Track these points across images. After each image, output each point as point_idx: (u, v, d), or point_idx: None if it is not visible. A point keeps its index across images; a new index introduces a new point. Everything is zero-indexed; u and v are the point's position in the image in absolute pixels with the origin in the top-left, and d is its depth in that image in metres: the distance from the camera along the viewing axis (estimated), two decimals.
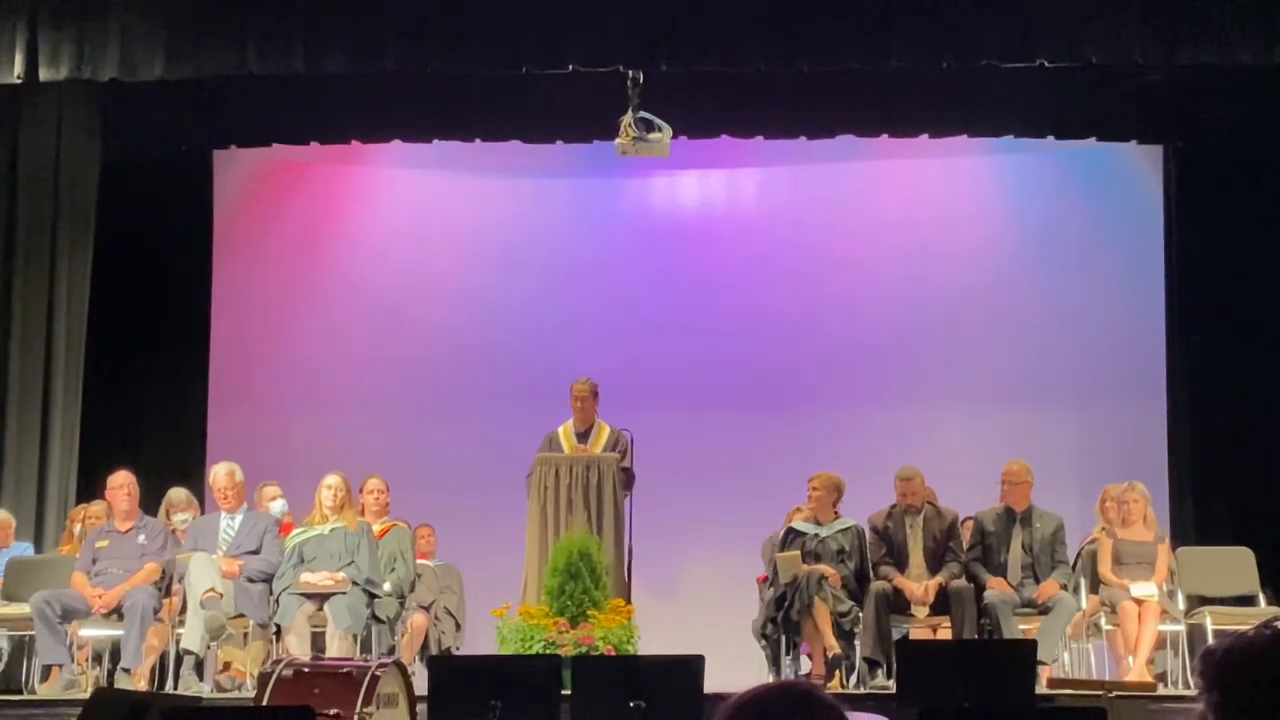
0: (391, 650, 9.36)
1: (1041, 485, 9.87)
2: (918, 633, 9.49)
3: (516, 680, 7.37)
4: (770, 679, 9.26)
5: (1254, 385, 11.61)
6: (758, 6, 9.95)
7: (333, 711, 6.96)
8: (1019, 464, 9.84)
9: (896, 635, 9.35)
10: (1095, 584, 9.63)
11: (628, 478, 10.08)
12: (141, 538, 9.52)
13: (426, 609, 10.40)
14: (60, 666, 9.15)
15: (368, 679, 7.17)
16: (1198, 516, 11.55)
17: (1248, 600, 9.70)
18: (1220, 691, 1.92)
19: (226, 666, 9.77)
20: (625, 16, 9.96)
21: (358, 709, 7.04)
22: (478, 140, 11.87)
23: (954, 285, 12.47)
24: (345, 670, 7.37)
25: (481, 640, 10.38)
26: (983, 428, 11.98)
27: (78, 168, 11.11)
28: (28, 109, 10.95)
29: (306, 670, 7.41)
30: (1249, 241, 11.62)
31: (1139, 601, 9.23)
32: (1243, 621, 9.57)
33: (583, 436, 10.25)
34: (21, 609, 9.28)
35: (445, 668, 8.00)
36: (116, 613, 9.21)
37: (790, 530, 9.84)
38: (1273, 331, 11.45)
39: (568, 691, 7.54)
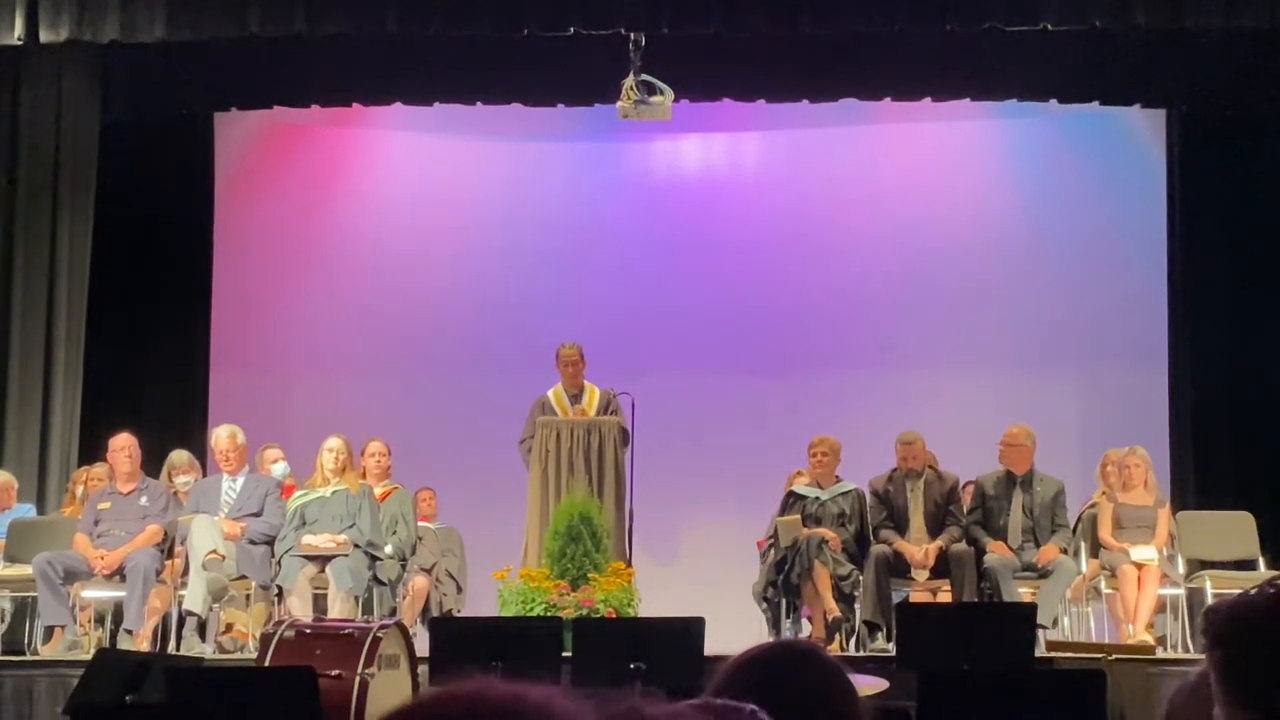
0: (393, 612, 9.39)
1: (1043, 449, 9.87)
2: (918, 596, 9.51)
3: (518, 642, 7.42)
4: None
5: (1255, 350, 11.59)
6: None
7: (334, 672, 6.99)
8: (1019, 428, 9.84)
9: (896, 599, 9.39)
10: (1095, 548, 9.64)
11: (624, 436, 10.11)
12: (144, 500, 9.53)
13: (428, 571, 10.44)
14: (62, 627, 9.17)
15: (369, 640, 7.21)
16: (1198, 480, 11.55)
17: (1248, 564, 9.71)
18: (1223, 650, 1.92)
19: (229, 628, 9.80)
20: None
21: (359, 670, 7.08)
22: (479, 103, 11.82)
23: (955, 249, 12.44)
24: (347, 631, 7.41)
25: (482, 603, 10.40)
26: (984, 392, 11.97)
27: (78, 130, 11.07)
28: (28, 71, 10.91)
29: (308, 631, 7.45)
30: (1251, 205, 11.60)
31: (1139, 565, 9.24)
32: (1243, 585, 9.56)
33: (575, 399, 10.29)
34: (24, 570, 9.30)
35: (446, 629, 8.04)
36: (119, 574, 9.23)
37: (791, 494, 9.87)
38: (1274, 296, 11.43)
39: (569, 653, 7.57)
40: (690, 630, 7.29)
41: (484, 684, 1.35)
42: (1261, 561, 9.70)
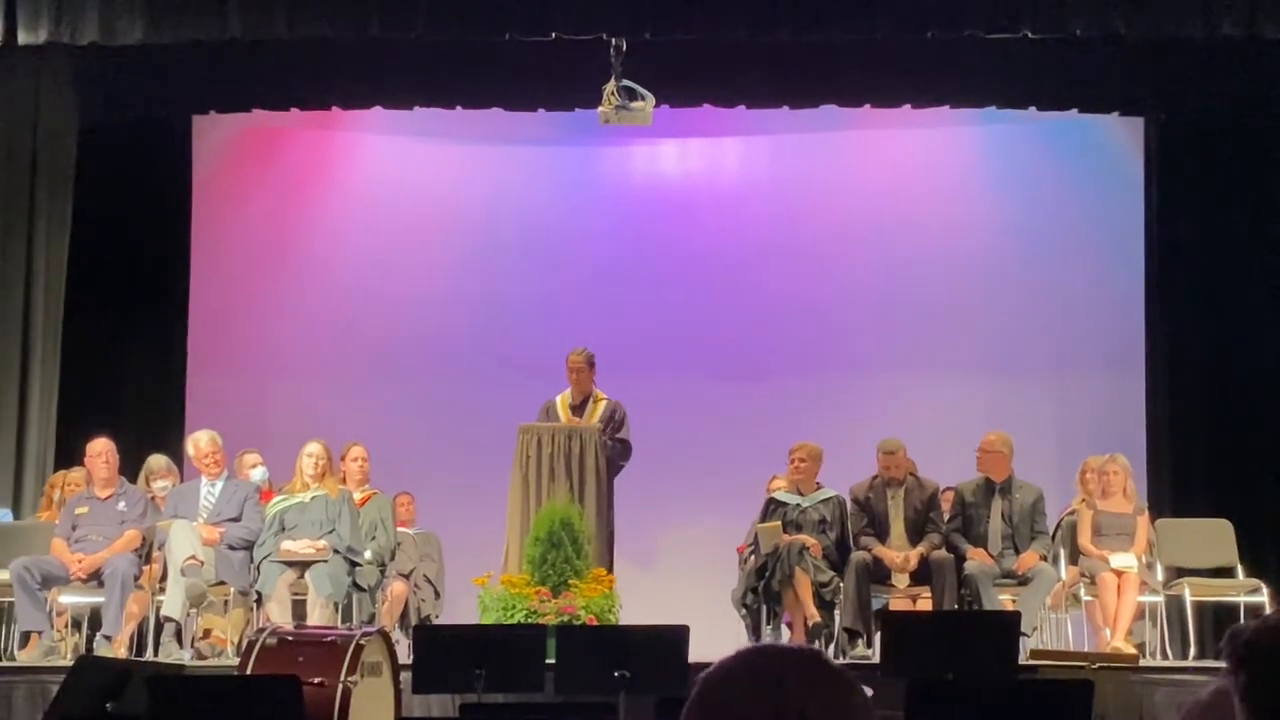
0: (372, 618, 9.36)
1: (1021, 456, 9.90)
2: (898, 603, 9.52)
3: (501, 649, 7.39)
4: None
5: (1232, 357, 11.61)
6: None
7: (317, 680, 6.96)
8: (996, 435, 9.87)
9: (876, 605, 9.40)
10: (1075, 555, 9.67)
11: (625, 449, 10.06)
12: (121, 505, 9.49)
13: (406, 577, 10.40)
14: (39, 633, 9.12)
15: (352, 647, 7.17)
16: (1175, 488, 11.56)
17: (1226, 572, 9.75)
18: (1248, 674, 1.91)
19: (206, 634, 9.73)
20: None
21: (342, 677, 7.04)
22: (459, 107, 11.79)
23: (934, 256, 12.46)
24: (329, 639, 7.37)
25: (460, 608, 10.38)
26: (963, 398, 11.99)
27: (56, 132, 10.99)
28: (5, 72, 10.82)
29: (290, 639, 7.40)
30: (1228, 214, 11.63)
31: (1118, 573, 9.27)
32: (1221, 593, 9.65)
33: (578, 408, 10.20)
34: (0, 575, 9.23)
35: (430, 637, 8.02)
36: (96, 579, 9.18)
37: (771, 500, 9.87)
38: (1250, 303, 11.46)
39: (552, 660, 7.55)
40: (675, 638, 7.28)
41: None
42: (1240, 569, 9.75)
